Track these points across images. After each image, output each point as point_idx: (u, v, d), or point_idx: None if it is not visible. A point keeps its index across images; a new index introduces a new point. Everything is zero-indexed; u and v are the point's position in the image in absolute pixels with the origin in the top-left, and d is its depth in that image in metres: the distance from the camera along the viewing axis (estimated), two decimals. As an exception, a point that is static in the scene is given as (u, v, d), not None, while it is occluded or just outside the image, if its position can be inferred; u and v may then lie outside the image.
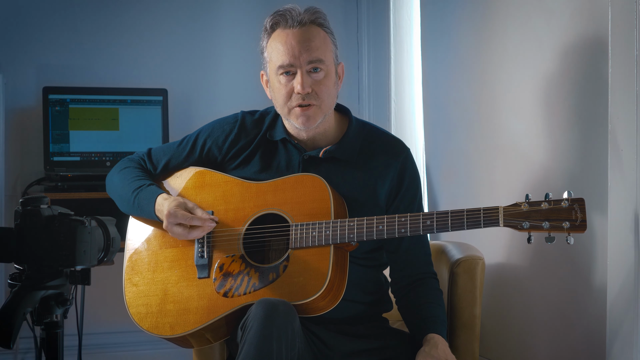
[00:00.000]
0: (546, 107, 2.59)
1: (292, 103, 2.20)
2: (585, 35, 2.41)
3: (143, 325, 2.22)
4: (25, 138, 3.56)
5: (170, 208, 2.19)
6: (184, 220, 2.18)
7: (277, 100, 2.25)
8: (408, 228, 2.05)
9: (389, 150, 2.29)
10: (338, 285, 2.11)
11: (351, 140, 2.28)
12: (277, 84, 2.22)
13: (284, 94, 2.21)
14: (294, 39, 2.18)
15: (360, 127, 2.32)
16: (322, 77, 2.20)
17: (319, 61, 2.18)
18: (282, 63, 2.19)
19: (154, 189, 2.29)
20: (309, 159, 2.27)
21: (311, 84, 2.18)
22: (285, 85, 2.20)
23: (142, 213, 2.29)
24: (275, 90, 2.23)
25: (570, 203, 1.92)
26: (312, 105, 2.20)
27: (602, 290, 2.30)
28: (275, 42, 2.20)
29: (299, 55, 2.17)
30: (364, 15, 3.94)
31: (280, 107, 2.25)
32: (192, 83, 3.80)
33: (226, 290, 2.16)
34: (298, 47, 2.17)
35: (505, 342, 2.80)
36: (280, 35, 2.20)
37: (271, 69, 2.23)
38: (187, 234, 2.19)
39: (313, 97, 2.19)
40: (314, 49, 2.18)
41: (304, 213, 2.16)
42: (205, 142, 2.35)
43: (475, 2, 3.01)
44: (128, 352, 3.68)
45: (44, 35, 3.61)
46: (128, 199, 2.31)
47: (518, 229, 1.95)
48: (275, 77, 2.22)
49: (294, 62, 2.18)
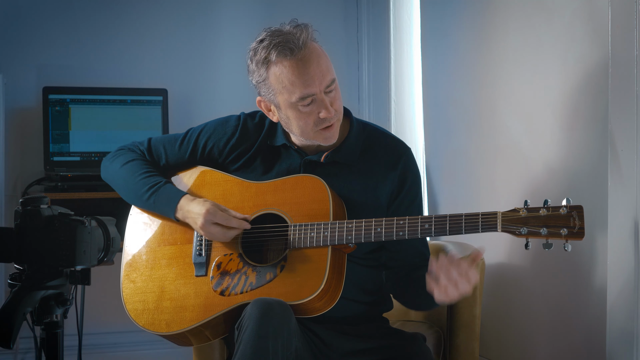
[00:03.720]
0: (546, 107, 2.60)
1: (318, 127, 2.18)
2: (585, 35, 2.41)
3: (139, 321, 2.22)
4: (25, 138, 3.57)
5: (209, 206, 2.18)
6: (222, 220, 2.17)
7: (297, 127, 2.20)
8: (406, 231, 2.05)
9: (390, 151, 2.28)
10: (335, 286, 2.11)
11: (352, 143, 2.27)
12: (295, 114, 2.17)
13: (309, 122, 2.17)
14: (305, 68, 2.12)
15: (361, 129, 2.31)
16: (335, 92, 2.18)
17: (332, 82, 2.16)
18: (302, 95, 2.13)
19: (173, 188, 2.28)
20: (310, 163, 2.26)
21: (331, 103, 2.16)
22: (308, 114, 2.16)
23: (155, 210, 2.29)
24: (294, 119, 2.18)
25: (568, 210, 1.91)
26: (334, 123, 2.19)
27: (602, 290, 2.30)
28: (285, 74, 2.13)
29: (318, 84, 2.13)
30: (364, 15, 3.94)
31: (301, 133, 2.20)
32: (192, 83, 3.80)
33: (223, 289, 2.16)
34: (312, 75, 2.12)
35: (505, 342, 2.80)
36: (289, 66, 2.12)
37: (284, 100, 2.16)
38: (224, 234, 2.18)
39: (334, 115, 2.18)
40: (326, 71, 2.14)
41: (303, 214, 2.16)
42: (207, 143, 2.35)
43: (475, 3, 3.02)
44: (128, 352, 3.68)
45: (44, 35, 3.61)
46: (141, 194, 2.30)
47: (516, 234, 1.95)
48: (292, 108, 2.17)
49: (314, 92, 2.13)
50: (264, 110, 2.26)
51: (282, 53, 2.12)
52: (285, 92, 2.15)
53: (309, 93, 2.13)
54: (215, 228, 2.18)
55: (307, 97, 2.13)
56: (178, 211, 2.24)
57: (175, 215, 2.25)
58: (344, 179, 2.24)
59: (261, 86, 2.20)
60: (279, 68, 2.14)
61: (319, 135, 2.20)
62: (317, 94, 2.13)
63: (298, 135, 2.23)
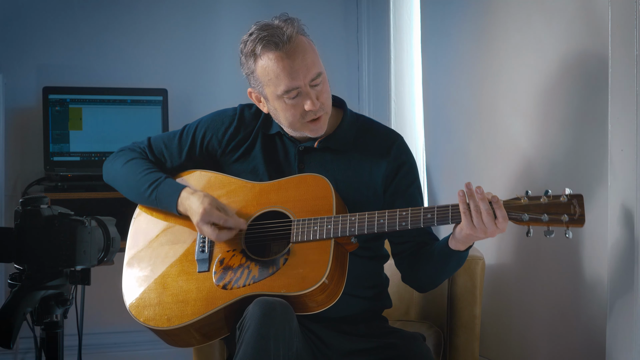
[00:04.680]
0: (546, 107, 2.60)
1: (304, 120, 2.21)
2: (585, 35, 2.41)
3: (140, 317, 2.21)
4: (25, 138, 3.56)
5: (206, 206, 2.19)
6: (218, 220, 2.18)
7: (284, 119, 2.24)
8: (409, 221, 2.06)
9: (382, 138, 2.32)
10: (337, 280, 2.11)
11: (345, 130, 2.31)
12: (282, 106, 2.21)
13: (295, 114, 2.21)
14: (289, 61, 2.16)
15: (354, 118, 2.35)
16: (322, 86, 2.21)
17: (318, 75, 2.19)
18: (287, 88, 2.17)
19: (173, 182, 2.30)
20: (304, 150, 2.30)
21: (317, 97, 2.19)
22: (294, 107, 2.20)
23: (159, 205, 2.30)
24: (281, 111, 2.22)
25: (569, 198, 1.93)
26: (321, 115, 2.22)
27: (602, 290, 2.30)
28: (271, 67, 2.17)
29: (302, 77, 2.16)
30: (364, 15, 3.94)
31: (289, 124, 2.24)
32: (192, 83, 3.80)
33: (225, 283, 2.16)
34: (297, 69, 2.16)
35: (505, 342, 2.80)
36: (274, 59, 2.17)
37: (271, 92, 2.21)
38: (216, 235, 2.18)
39: (320, 108, 2.21)
40: (311, 65, 2.18)
41: (306, 210, 2.18)
42: (205, 135, 2.37)
43: (475, 3, 3.02)
44: (128, 352, 3.68)
45: (44, 35, 3.61)
46: (142, 190, 2.31)
47: (517, 221, 1.96)
48: (279, 100, 2.20)
49: (298, 84, 2.17)
50: (255, 101, 2.31)
51: (267, 47, 2.17)
52: (271, 84, 2.19)
53: (294, 86, 2.17)
54: (208, 228, 2.18)
55: (292, 90, 2.17)
56: (179, 204, 2.26)
57: (177, 209, 2.26)
58: (338, 165, 2.28)
59: (250, 78, 2.25)
60: (264, 61, 2.18)
61: (305, 127, 2.23)
62: (302, 87, 2.17)
63: (286, 127, 2.27)
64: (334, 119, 2.32)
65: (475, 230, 1.99)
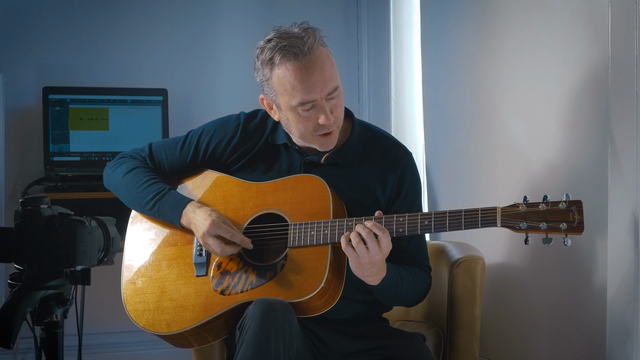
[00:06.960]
0: (546, 107, 2.60)
1: (316, 133, 2.18)
2: (585, 35, 2.41)
3: (139, 322, 2.22)
4: (25, 138, 3.57)
5: (214, 218, 2.17)
6: (225, 233, 2.16)
7: (295, 130, 2.20)
8: (406, 228, 2.05)
9: (390, 155, 2.28)
10: (335, 285, 2.11)
11: (353, 145, 2.27)
12: (295, 117, 2.17)
13: (308, 127, 2.17)
14: (307, 74, 2.11)
15: (362, 132, 2.30)
16: (337, 100, 2.17)
17: (335, 89, 2.16)
18: (302, 101, 2.13)
19: (177, 195, 2.28)
20: (310, 163, 2.26)
21: (331, 110, 2.16)
22: (307, 119, 2.16)
23: (160, 217, 2.28)
24: (293, 122, 2.19)
25: (568, 205, 1.92)
26: (333, 130, 2.19)
27: (602, 290, 2.30)
28: (288, 78, 2.12)
29: (320, 91, 2.12)
30: (364, 15, 3.94)
31: (300, 135, 2.21)
32: (192, 83, 3.80)
33: (223, 288, 2.16)
34: (314, 82, 2.11)
35: (505, 342, 2.80)
36: (292, 70, 2.11)
37: (285, 102, 2.16)
38: (221, 249, 2.16)
39: (334, 122, 2.17)
40: (329, 78, 2.13)
41: (303, 213, 2.16)
42: (209, 145, 2.34)
43: (475, 3, 3.02)
44: (128, 352, 3.68)
45: (44, 35, 3.61)
46: (145, 202, 2.29)
47: (515, 229, 1.95)
48: (292, 111, 2.17)
49: (314, 98, 2.13)
50: (266, 108, 2.26)
51: (287, 57, 2.12)
52: (286, 94, 2.15)
53: (310, 99, 2.13)
54: (214, 241, 2.17)
55: (308, 103, 2.13)
56: (183, 217, 2.24)
57: (180, 222, 2.25)
58: (344, 181, 2.24)
59: (264, 85, 2.20)
60: (282, 71, 2.13)
61: (316, 141, 2.20)
62: (317, 101, 2.13)
63: (297, 137, 2.23)
64: (342, 132, 2.27)
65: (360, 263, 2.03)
